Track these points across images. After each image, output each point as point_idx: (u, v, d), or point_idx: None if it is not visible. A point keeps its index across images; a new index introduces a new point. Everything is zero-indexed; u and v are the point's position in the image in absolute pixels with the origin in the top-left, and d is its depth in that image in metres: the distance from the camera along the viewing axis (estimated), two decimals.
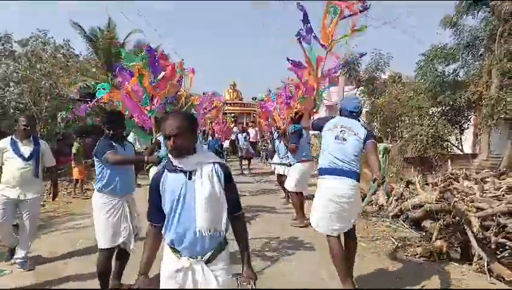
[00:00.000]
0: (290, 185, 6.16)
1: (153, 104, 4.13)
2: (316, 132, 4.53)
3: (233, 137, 15.67)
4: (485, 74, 11.16)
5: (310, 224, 3.63)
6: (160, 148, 4.42)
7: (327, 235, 3.35)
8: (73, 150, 8.66)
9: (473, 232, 4.25)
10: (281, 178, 8.12)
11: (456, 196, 5.07)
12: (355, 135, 3.33)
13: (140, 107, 4.12)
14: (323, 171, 3.39)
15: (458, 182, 5.84)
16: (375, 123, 14.80)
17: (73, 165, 8.74)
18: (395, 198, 6.73)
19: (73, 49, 10.67)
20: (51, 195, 4.82)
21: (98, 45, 17.95)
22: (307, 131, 5.95)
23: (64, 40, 10.40)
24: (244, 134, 13.58)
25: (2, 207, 4.01)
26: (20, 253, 4.06)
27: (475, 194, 5.05)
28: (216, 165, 1.88)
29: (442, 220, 4.60)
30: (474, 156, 11.68)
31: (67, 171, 11.11)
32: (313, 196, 3.60)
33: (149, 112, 4.09)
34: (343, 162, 3.27)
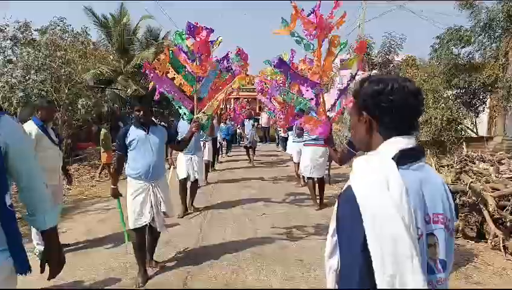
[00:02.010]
0: (301, 170, 6.44)
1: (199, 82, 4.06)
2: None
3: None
4: (501, 56, 11.07)
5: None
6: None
7: None
8: (101, 136, 8.83)
9: (488, 211, 4.40)
10: (296, 167, 8.30)
11: (472, 177, 5.20)
12: None
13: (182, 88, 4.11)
14: None
15: (474, 163, 5.96)
16: None
17: (102, 151, 8.92)
18: None
19: (91, 36, 10.84)
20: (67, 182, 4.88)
21: (111, 31, 18.12)
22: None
23: (82, 28, 10.58)
24: (251, 121, 12.40)
25: None
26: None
27: (490, 175, 5.19)
28: None
29: (458, 200, 4.74)
30: (489, 139, 11.68)
31: (87, 156, 11.51)
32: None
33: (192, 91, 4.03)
34: None
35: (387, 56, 14.22)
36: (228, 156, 13.48)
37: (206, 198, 6.82)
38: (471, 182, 4.71)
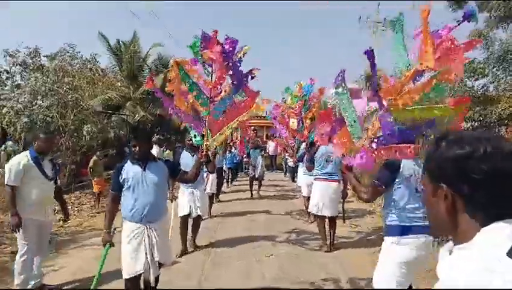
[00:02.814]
0: (311, 207, 5.91)
1: (213, 103, 3.70)
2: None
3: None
4: None
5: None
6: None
7: None
8: (90, 163, 8.66)
9: None
10: (306, 201, 7.85)
11: None
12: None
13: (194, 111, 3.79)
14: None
15: None
16: None
17: (93, 179, 8.72)
18: None
19: (100, 63, 10.83)
20: (63, 217, 4.68)
21: (122, 58, 18.29)
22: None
23: (91, 55, 10.60)
24: (258, 150, 11.55)
25: (31, 232, 3.78)
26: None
27: None
28: None
29: None
30: None
31: (90, 184, 11.24)
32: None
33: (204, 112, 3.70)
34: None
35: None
36: (233, 185, 13.11)
37: (210, 234, 6.42)
38: None
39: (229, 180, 12.93)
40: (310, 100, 7.55)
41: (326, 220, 5.70)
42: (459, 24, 2.66)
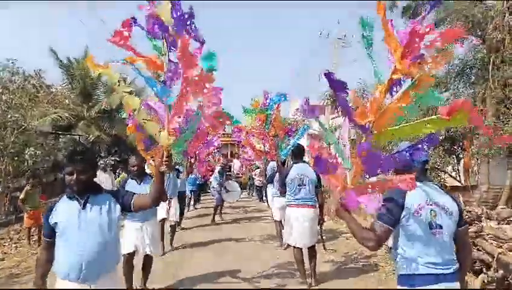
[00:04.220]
0: (286, 236, 5.19)
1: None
2: None
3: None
4: (478, 102, 10.91)
5: None
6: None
7: None
8: (22, 195, 7.26)
9: None
10: (278, 225, 7.22)
11: (490, 242, 4.41)
12: (449, 214, 2.24)
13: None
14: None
15: (479, 221, 5.22)
16: None
17: (26, 211, 7.32)
18: None
19: (44, 79, 9.75)
20: None
21: (73, 74, 17.04)
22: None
23: (35, 70, 9.53)
24: (218, 169, 10.43)
25: None
26: None
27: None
28: None
29: (484, 274, 3.89)
30: (473, 187, 11.22)
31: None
32: None
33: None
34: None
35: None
36: (196, 208, 12.23)
37: (171, 271, 5.56)
38: (500, 253, 3.88)
39: (193, 203, 12.11)
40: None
41: (305, 250, 4.97)
42: (428, 13, 2.16)
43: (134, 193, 2.63)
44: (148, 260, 4.66)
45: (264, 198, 12.07)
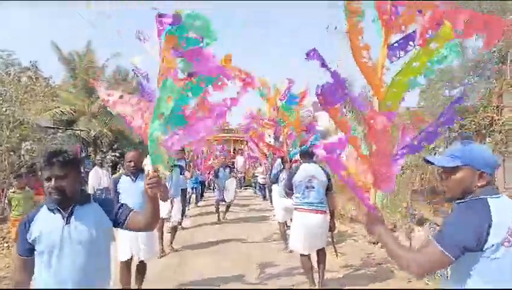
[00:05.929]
0: (292, 243, 4.70)
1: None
2: None
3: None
4: (495, 97, 10.41)
5: None
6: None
7: None
8: (13, 203, 5.93)
9: None
10: (282, 227, 6.80)
11: None
12: None
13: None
14: None
15: None
16: None
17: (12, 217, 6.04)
18: None
19: (42, 72, 9.39)
20: None
21: (75, 69, 16.78)
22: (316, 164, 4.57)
23: (31, 62, 9.16)
24: (227, 170, 10.20)
25: None
26: None
27: None
28: None
29: None
30: None
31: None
32: None
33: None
34: None
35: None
36: (198, 206, 11.89)
37: (169, 275, 5.18)
38: None
39: (195, 200, 11.81)
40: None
41: (313, 253, 4.51)
42: None
43: (132, 210, 2.13)
44: (142, 266, 4.24)
45: (267, 196, 11.69)
